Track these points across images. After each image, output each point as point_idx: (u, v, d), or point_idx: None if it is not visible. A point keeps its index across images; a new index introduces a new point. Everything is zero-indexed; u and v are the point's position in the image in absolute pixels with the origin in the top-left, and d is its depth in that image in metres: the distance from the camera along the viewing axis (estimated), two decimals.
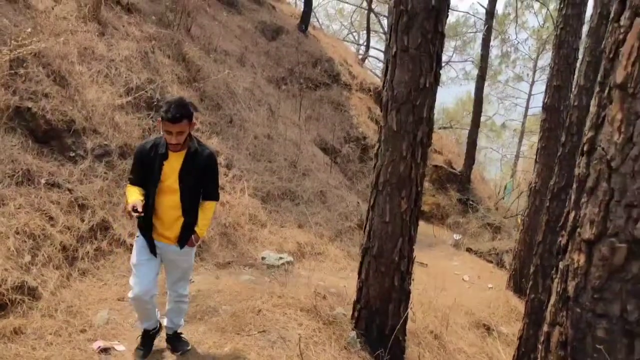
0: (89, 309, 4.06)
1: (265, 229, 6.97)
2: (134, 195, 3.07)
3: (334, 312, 4.33)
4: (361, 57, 21.25)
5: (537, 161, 7.36)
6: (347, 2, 27.41)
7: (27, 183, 4.72)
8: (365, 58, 22.21)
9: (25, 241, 4.22)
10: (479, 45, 18.21)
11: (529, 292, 4.95)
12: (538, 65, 28.11)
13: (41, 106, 5.22)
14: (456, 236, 11.29)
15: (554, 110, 7.05)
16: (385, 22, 24.16)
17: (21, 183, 4.67)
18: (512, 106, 31.33)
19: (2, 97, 4.92)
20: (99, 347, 3.47)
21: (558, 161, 5.55)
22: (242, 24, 12.27)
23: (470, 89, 23.89)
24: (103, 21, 7.09)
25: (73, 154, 5.37)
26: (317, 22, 24.30)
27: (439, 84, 3.92)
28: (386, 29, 23.36)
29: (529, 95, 29.71)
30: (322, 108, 12.24)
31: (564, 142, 5.44)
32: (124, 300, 4.15)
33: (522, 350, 4.51)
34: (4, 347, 3.28)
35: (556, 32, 7.17)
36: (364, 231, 4.20)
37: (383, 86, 3.98)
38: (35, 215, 4.49)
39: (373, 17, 23.89)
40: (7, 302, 3.66)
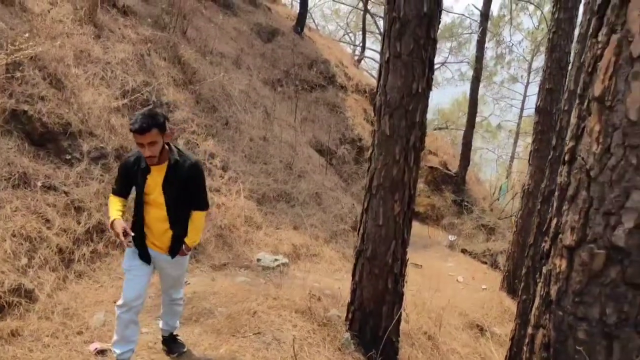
0: (85, 311, 4.10)
1: (261, 231, 7.02)
2: (114, 212, 3.03)
3: (328, 313, 4.38)
4: (357, 58, 21.29)
5: (530, 163, 7.44)
6: (343, 2, 27.47)
7: (24, 186, 4.76)
8: (361, 59, 22.26)
9: (21, 244, 4.25)
10: (474, 47, 18.27)
11: (520, 293, 5.02)
12: (533, 66, 28.27)
13: (37, 109, 5.26)
14: (451, 237, 11.37)
15: (546, 113, 7.13)
16: (381, 23, 24.24)
17: (17, 186, 4.71)
18: (508, 107, 31.51)
19: None
20: (96, 348, 3.52)
21: (549, 164, 5.63)
22: (237, 26, 12.31)
23: (466, 89, 23.93)
24: (99, 24, 7.12)
25: (69, 157, 5.41)
26: (313, 22, 24.35)
27: (431, 89, 3.98)
28: (382, 30, 23.46)
29: (524, 96, 29.83)
30: (317, 110, 12.30)
31: (554, 146, 5.52)
32: None
33: (514, 351, 4.57)
34: (1, 349, 3.32)
35: (549, 36, 7.26)
36: (358, 234, 4.26)
37: (376, 91, 4.04)
38: (31, 217, 4.53)
39: (369, 18, 23.92)
40: (4, 304, 3.70)
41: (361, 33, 23.72)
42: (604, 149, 1.53)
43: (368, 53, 25.82)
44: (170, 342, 3.62)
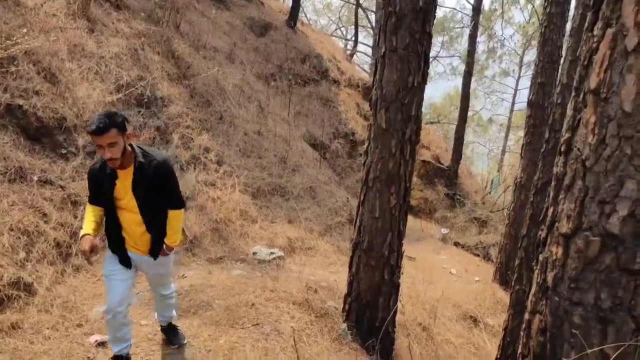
0: (84, 304, 4.13)
1: (256, 225, 7.05)
2: (87, 225, 2.96)
3: (325, 305, 4.44)
4: (349, 52, 21.29)
5: (522, 156, 7.51)
6: None
7: (20, 180, 4.76)
8: (354, 53, 22.25)
9: (19, 238, 4.26)
10: (466, 41, 18.35)
11: (513, 284, 5.09)
12: (524, 60, 28.46)
13: (32, 103, 5.25)
14: (444, 230, 11.46)
15: (538, 106, 7.20)
16: (373, 17, 24.25)
17: (14, 180, 4.71)
18: (499, 101, 31.75)
19: None
20: (96, 340, 3.55)
21: (542, 157, 5.70)
22: (230, 20, 12.28)
23: (458, 84, 24.10)
24: (92, 18, 7.09)
25: (65, 151, 5.41)
26: (305, 16, 24.30)
27: (426, 83, 4.03)
28: (374, 24, 23.46)
29: (515, 90, 30.03)
30: (311, 104, 12.32)
31: (547, 139, 5.59)
32: None
33: (507, 340, 4.64)
34: (2, 341, 3.35)
35: (541, 30, 7.32)
36: (354, 226, 4.31)
37: (372, 85, 4.08)
38: (28, 212, 4.54)
39: (361, 12, 23.93)
40: (4, 297, 3.72)
41: (353, 27, 23.73)
42: (599, 139, 1.59)
43: (360, 47, 25.85)
44: (170, 332, 3.64)
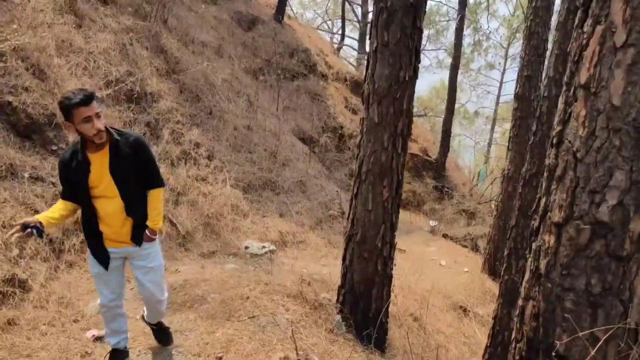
0: (79, 299, 4.14)
1: (248, 219, 7.08)
2: (43, 213, 2.81)
3: (319, 297, 4.50)
4: (336, 46, 21.30)
5: (509, 149, 7.62)
6: None
7: (11, 177, 4.74)
8: (341, 47, 22.28)
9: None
10: (452, 34, 18.49)
11: (503, 273, 5.19)
12: (509, 53, 28.72)
13: (22, 100, 5.21)
14: (432, 222, 11.58)
15: (525, 99, 7.31)
16: (359, 10, 24.24)
17: (5, 177, 4.69)
18: (485, 94, 32.06)
19: None
20: (93, 335, 3.57)
21: (529, 149, 5.80)
22: (218, 14, 12.23)
23: (444, 77, 24.28)
24: (80, 13, 7.03)
25: (55, 148, 5.39)
26: (291, 10, 24.22)
27: (417, 77, 4.09)
28: (360, 17, 23.46)
29: (501, 83, 30.34)
30: (299, 98, 12.34)
31: (534, 131, 5.69)
32: None
33: (497, 329, 4.75)
34: None
35: (526, 24, 7.41)
36: (348, 219, 4.37)
37: (364, 80, 4.13)
38: (20, 209, 4.53)
39: (347, 5, 23.93)
40: None
41: (339, 21, 23.73)
42: (589, 132, 1.66)
43: (347, 41, 25.85)
44: (160, 333, 3.48)
